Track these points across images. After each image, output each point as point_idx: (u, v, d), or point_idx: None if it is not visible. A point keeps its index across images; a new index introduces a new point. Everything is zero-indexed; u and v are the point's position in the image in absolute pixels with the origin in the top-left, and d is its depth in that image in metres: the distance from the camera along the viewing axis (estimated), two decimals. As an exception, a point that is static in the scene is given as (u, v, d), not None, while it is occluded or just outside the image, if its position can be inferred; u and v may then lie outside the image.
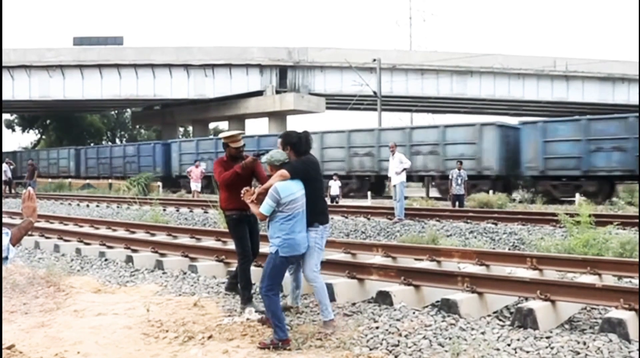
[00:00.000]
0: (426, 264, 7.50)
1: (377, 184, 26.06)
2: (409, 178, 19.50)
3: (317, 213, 5.13)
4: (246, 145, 6.29)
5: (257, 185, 6.04)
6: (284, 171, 4.99)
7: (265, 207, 4.88)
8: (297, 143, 5.19)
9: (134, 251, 9.29)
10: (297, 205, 4.94)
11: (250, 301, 5.89)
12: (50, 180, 38.52)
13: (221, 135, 6.04)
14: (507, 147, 22.71)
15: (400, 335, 4.88)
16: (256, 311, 5.65)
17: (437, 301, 5.87)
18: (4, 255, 2.97)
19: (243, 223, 6.01)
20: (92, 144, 54.22)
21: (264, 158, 5.21)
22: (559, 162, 21.14)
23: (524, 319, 4.99)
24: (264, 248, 6.20)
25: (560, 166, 21.17)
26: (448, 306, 5.44)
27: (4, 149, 52.74)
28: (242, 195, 5.19)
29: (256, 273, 6.30)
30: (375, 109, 37.44)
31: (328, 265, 6.93)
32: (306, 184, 5.05)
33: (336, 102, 48.23)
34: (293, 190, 4.92)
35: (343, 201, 21.51)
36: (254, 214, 6.04)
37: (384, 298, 5.88)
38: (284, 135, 5.37)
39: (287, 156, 5.15)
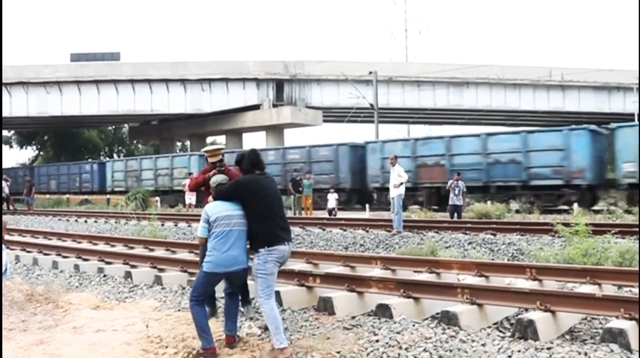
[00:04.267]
0: (425, 276, 7.49)
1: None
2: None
3: (258, 235, 5.00)
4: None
5: None
6: (210, 197, 5.26)
7: (199, 229, 5.11)
8: (240, 161, 5.32)
9: (133, 266, 9.26)
10: (226, 223, 4.93)
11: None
12: (48, 196, 38.43)
13: (203, 150, 6.59)
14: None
15: (400, 348, 4.86)
16: (258, 327, 5.63)
17: (437, 314, 5.86)
18: (3, 269, 2.98)
19: None
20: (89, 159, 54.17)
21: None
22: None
23: (525, 330, 4.98)
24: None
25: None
26: (448, 319, 5.43)
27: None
28: None
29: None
30: (372, 122, 37.54)
31: (327, 279, 6.94)
32: (244, 206, 5.02)
33: (333, 115, 48.38)
34: (219, 208, 5.00)
35: (341, 214, 21.55)
36: None
37: (383, 311, 5.86)
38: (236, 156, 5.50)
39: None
